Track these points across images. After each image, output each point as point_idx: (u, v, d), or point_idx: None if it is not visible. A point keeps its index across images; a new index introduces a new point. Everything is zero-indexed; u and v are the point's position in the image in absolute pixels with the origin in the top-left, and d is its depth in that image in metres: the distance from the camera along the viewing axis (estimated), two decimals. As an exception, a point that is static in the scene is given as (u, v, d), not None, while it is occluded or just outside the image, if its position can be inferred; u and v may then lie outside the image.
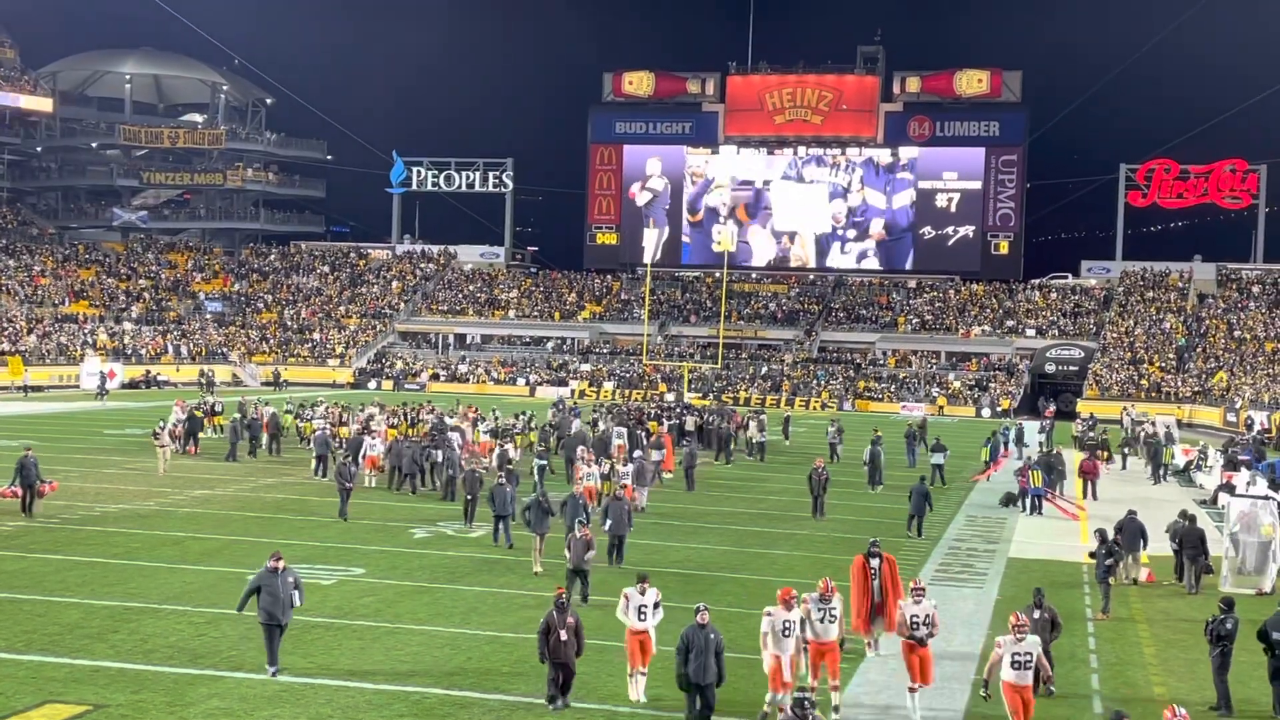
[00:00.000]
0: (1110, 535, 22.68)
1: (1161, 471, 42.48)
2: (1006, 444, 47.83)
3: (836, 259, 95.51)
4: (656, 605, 16.30)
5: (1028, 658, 14.77)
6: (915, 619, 16.00)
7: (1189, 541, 24.05)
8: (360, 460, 34.38)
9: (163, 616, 19.41)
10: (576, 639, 15.52)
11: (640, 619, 16.11)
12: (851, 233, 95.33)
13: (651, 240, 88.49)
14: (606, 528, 24.30)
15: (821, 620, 16.05)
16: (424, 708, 15.49)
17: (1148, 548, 24.80)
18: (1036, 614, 17.02)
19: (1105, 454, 44.92)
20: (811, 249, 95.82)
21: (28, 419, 53.22)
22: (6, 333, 74.47)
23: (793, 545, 27.76)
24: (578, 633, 15.53)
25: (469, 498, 28.53)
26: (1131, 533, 24.32)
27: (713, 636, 14.72)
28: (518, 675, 16.89)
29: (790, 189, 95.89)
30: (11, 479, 28.12)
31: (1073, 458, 43.20)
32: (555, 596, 15.76)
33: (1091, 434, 49.97)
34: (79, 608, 19.79)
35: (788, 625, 15.43)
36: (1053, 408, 73.43)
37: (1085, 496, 36.40)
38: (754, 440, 46.15)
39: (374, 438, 36.71)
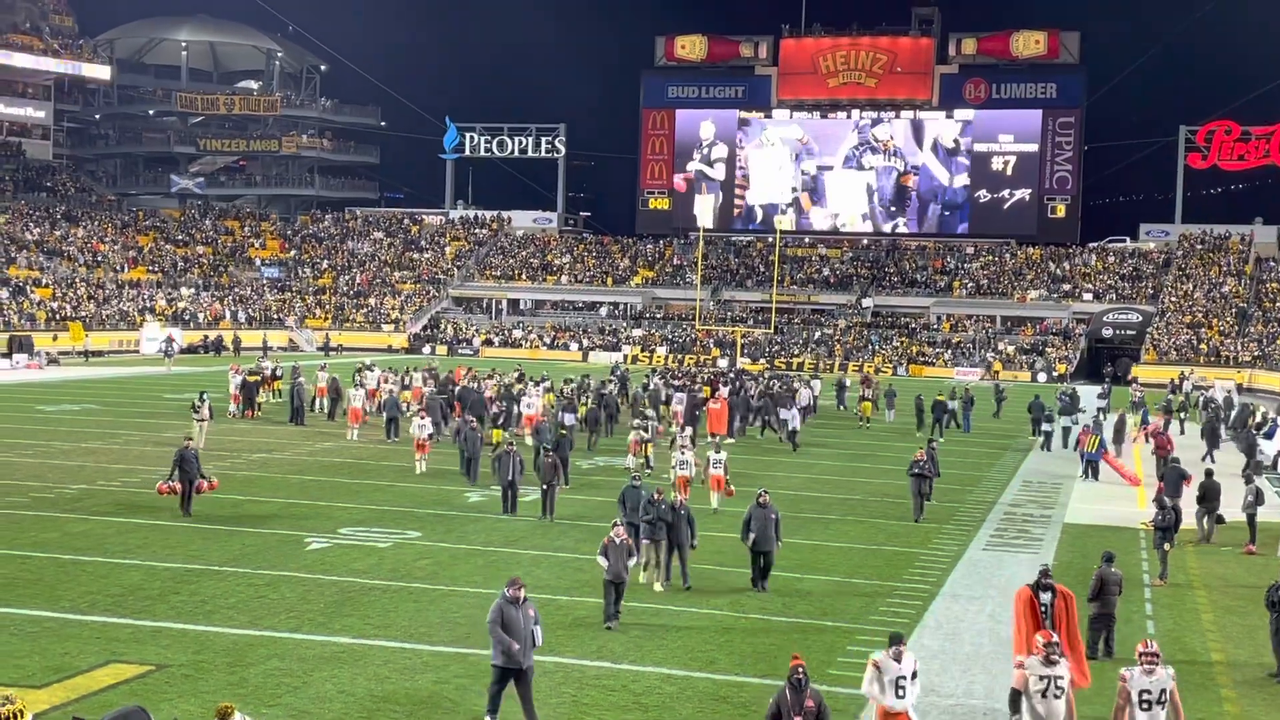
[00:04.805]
0: (1167, 503, 22.50)
1: (1221, 433, 41.94)
2: (1062, 409, 47.25)
3: (891, 223, 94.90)
4: (915, 675, 12.39)
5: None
6: (1146, 695, 11.83)
7: (1210, 494, 25.20)
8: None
9: (223, 578, 19.69)
10: None
11: (899, 695, 12.23)
12: (906, 202, 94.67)
13: (705, 206, 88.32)
14: (749, 541, 19.77)
15: (1044, 694, 12.08)
16: (480, 670, 15.55)
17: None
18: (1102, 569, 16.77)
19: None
20: (865, 214, 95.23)
21: (89, 383, 54.04)
22: (67, 298, 75.49)
23: (845, 510, 27.77)
24: (820, 717, 11.78)
25: (544, 487, 25.55)
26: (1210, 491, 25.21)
27: None
28: (572, 638, 16.98)
29: (846, 169, 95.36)
30: (169, 473, 25.31)
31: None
32: (791, 670, 11.91)
33: (1170, 398, 49.16)
34: (140, 569, 20.10)
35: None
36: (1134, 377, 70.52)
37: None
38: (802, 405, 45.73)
39: (424, 418, 32.58)
